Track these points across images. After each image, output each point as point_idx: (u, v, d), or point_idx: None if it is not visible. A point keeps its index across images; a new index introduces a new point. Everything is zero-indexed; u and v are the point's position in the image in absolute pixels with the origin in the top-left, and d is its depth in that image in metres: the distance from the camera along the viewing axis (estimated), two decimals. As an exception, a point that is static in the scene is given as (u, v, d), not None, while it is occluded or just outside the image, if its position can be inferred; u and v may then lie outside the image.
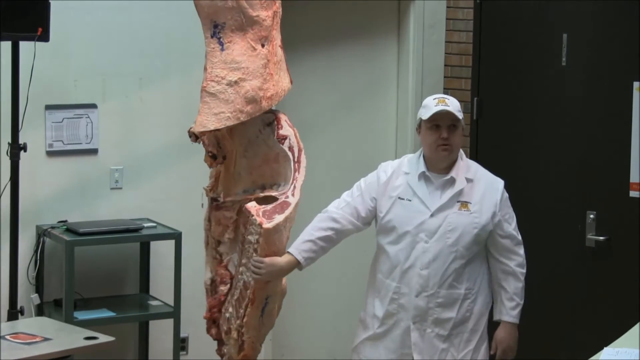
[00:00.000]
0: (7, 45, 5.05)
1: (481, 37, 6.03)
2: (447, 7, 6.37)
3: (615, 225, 5.42)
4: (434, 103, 4.31)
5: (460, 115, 4.32)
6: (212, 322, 4.56)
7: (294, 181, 4.30)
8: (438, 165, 4.34)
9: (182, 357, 5.77)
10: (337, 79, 6.33)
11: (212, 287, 4.55)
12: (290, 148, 4.34)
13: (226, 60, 4.18)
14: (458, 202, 4.32)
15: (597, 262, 5.49)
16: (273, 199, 4.35)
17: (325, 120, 6.33)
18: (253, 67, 4.20)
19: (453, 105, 4.32)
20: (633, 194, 5.31)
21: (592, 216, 5.49)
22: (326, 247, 4.38)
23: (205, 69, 4.22)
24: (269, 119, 4.42)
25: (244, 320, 4.33)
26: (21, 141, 5.11)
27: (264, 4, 4.21)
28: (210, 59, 4.18)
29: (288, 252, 4.30)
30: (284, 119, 4.39)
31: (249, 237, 4.19)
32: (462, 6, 6.28)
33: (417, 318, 4.33)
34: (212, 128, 4.18)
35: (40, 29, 4.96)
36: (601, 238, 5.46)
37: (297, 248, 4.31)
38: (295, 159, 4.33)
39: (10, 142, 5.11)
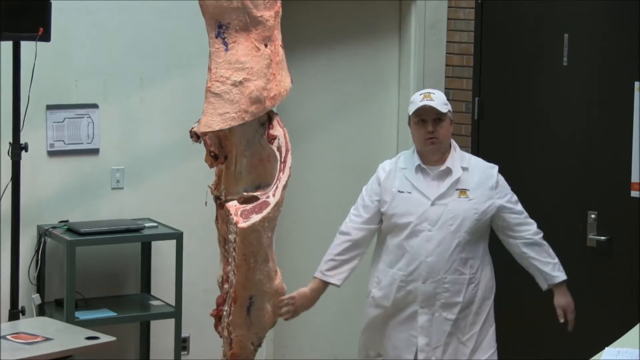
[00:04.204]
0: (8, 45, 5.05)
1: (482, 37, 6.03)
2: (449, 7, 6.36)
3: (617, 226, 5.41)
4: (420, 98, 4.50)
5: (444, 109, 4.48)
6: (219, 319, 4.57)
7: (277, 181, 4.29)
8: (430, 158, 4.52)
9: (183, 357, 5.77)
10: (338, 79, 6.33)
11: (221, 285, 4.57)
12: (279, 148, 4.33)
13: (230, 60, 4.18)
14: (457, 190, 4.49)
15: (598, 262, 5.48)
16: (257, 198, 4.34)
17: (326, 120, 6.32)
18: (257, 68, 4.19)
19: (438, 99, 4.49)
20: (634, 194, 5.31)
21: (593, 216, 5.48)
22: (348, 259, 4.57)
23: (209, 69, 4.21)
24: (263, 119, 4.42)
25: (230, 318, 4.34)
26: (22, 141, 5.11)
27: (267, 4, 4.21)
28: (214, 59, 4.17)
29: (314, 278, 4.55)
30: (276, 119, 4.38)
31: (230, 237, 4.19)
32: (463, 6, 6.28)
33: (425, 303, 4.50)
34: (217, 128, 4.18)
35: (41, 29, 4.96)
36: (602, 238, 5.46)
37: (320, 270, 4.56)
38: (282, 159, 4.32)
39: (11, 142, 5.11)
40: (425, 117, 4.46)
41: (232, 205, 4.20)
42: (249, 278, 4.28)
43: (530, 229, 4.56)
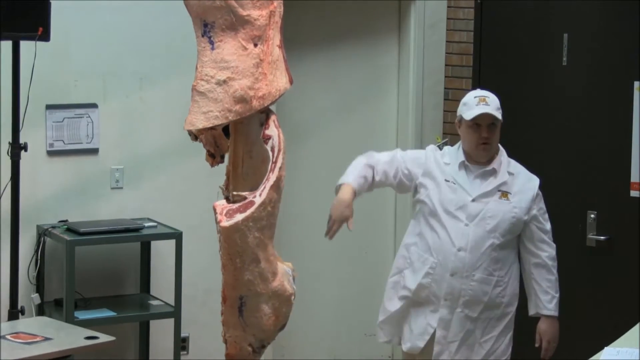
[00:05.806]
0: (7, 45, 5.05)
1: (482, 37, 6.03)
2: (448, 6, 6.37)
3: (616, 225, 5.42)
4: (475, 102, 4.51)
5: (499, 114, 4.50)
6: None
7: (266, 181, 4.28)
8: (478, 159, 4.54)
9: (182, 357, 5.77)
10: (338, 79, 6.33)
11: None
12: (272, 148, 4.32)
13: (216, 59, 4.17)
14: (499, 191, 4.52)
15: (598, 261, 5.49)
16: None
17: (326, 120, 6.33)
18: (243, 67, 4.17)
19: (493, 103, 4.52)
20: (633, 193, 5.31)
21: (592, 216, 5.49)
22: (367, 181, 4.67)
23: (196, 68, 4.20)
24: (262, 120, 4.41)
25: (222, 318, 4.33)
26: (22, 141, 5.12)
27: (257, 4, 4.18)
28: (200, 58, 4.17)
29: (345, 184, 4.63)
30: (272, 119, 4.37)
31: (218, 235, 4.18)
32: (462, 6, 6.28)
33: (449, 296, 4.50)
34: (200, 127, 4.17)
35: (40, 29, 4.96)
36: (602, 238, 5.46)
37: (352, 178, 4.66)
38: (273, 159, 4.31)
39: (10, 141, 5.11)
40: (480, 122, 4.48)
41: (219, 205, 4.19)
42: (237, 278, 4.26)
43: (548, 252, 4.58)
